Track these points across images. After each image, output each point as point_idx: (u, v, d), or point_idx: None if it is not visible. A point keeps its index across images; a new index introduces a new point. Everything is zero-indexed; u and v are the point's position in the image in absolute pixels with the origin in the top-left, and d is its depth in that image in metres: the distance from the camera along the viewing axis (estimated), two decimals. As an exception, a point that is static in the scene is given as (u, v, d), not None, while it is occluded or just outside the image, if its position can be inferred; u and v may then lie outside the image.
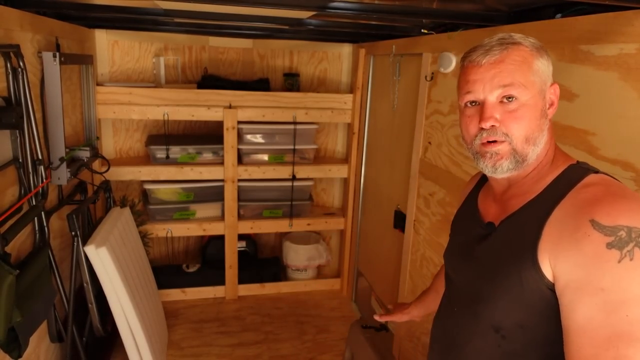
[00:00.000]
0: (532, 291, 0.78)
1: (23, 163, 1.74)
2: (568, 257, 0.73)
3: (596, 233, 0.70)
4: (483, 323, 0.87)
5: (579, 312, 0.71)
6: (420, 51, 2.15)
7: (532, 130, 0.83)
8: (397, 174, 2.51)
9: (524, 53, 0.83)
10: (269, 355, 2.66)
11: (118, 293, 2.04)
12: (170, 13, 2.07)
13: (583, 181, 0.80)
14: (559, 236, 0.75)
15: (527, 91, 0.83)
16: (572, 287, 0.72)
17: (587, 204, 0.74)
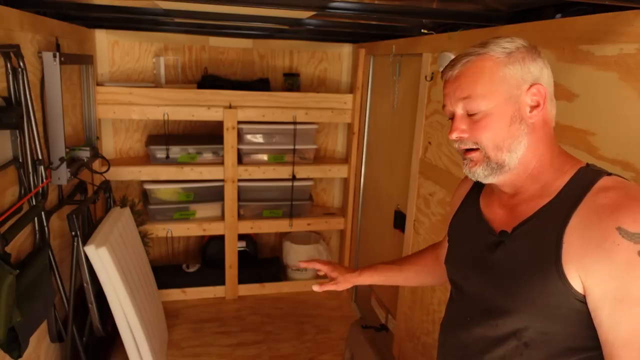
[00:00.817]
0: (559, 303, 0.76)
1: (23, 163, 1.74)
2: (599, 268, 0.71)
3: (625, 241, 0.68)
4: (503, 332, 0.85)
5: (624, 324, 0.69)
6: (420, 51, 2.15)
7: (502, 137, 0.83)
8: (397, 174, 2.51)
9: (487, 63, 0.84)
10: (269, 355, 2.66)
11: (118, 293, 2.04)
12: (170, 13, 2.07)
13: (598, 184, 0.77)
14: (584, 246, 0.73)
15: (488, 101, 0.83)
16: (610, 300, 0.70)
17: (610, 210, 0.71)
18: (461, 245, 1.00)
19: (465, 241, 0.99)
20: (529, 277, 0.79)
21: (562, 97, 1.32)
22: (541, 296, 0.78)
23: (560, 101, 1.32)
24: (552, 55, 1.36)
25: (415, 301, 2.23)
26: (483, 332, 0.88)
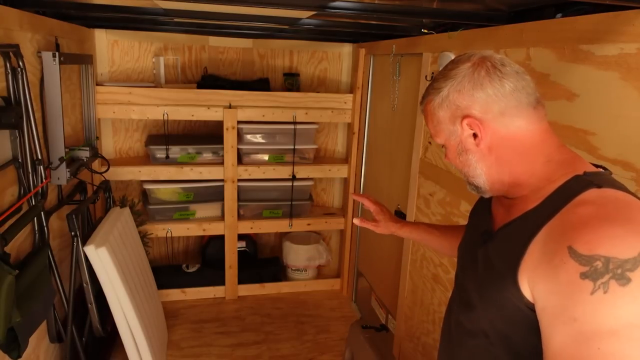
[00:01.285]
0: (513, 307, 0.78)
1: (22, 163, 1.74)
2: (545, 282, 0.72)
3: (572, 261, 0.68)
4: (475, 327, 0.89)
5: (555, 338, 0.69)
6: (420, 51, 2.15)
7: (459, 166, 0.90)
8: (397, 174, 2.50)
9: (429, 107, 0.90)
10: (269, 356, 2.66)
11: (118, 293, 2.04)
12: (170, 13, 2.07)
13: (578, 198, 0.74)
14: (540, 259, 0.73)
15: (439, 135, 0.91)
16: (549, 313, 0.71)
17: (570, 228, 0.71)
18: (468, 234, 1.04)
19: (471, 231, 1.03)
20: (496, 279, 0.82)
21: (562, 97, 1.32)
22: (500, 300, 0.80)
23: (560, 101, 1.32)
24: (552, 55, 1.36)
25: (415, 301, 2.23)
26: (462, 323, 0.93)
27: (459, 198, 1.82)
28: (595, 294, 0.65)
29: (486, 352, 0.87)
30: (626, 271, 0.64)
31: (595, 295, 0.65)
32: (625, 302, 0.64)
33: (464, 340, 0.93)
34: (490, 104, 0.83)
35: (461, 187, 1.69)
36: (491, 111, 0.83)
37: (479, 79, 0.83)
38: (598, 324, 0.65)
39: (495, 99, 0.82)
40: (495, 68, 0.83)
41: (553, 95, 1.35)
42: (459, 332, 0.95)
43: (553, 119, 1.35)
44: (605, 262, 0.65)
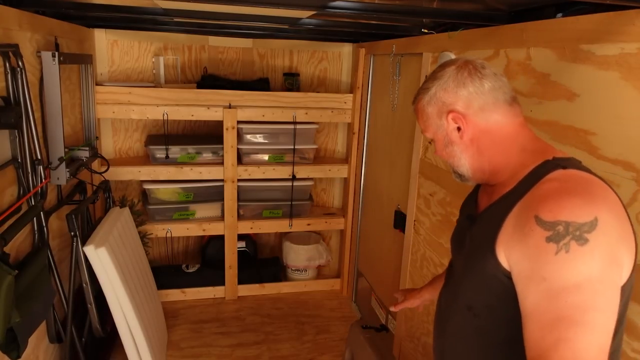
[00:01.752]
0: (492, 278, 0.88)
1: (22, 163, 1.74)
2: (517, 249, 0.82)
3: (538, 228, 0.78)
4: (460, 302, 0.99)
5: (528, 299, 0.79)
6: (421, 51, 2.15)
7: (445, 157, 1.03)
8: (397, 174, 2.50)
9: (420, 105, 1.04)
10: (269, 356, 2.66)
11: (117, 293, 2.04)
12: (169, 13, 2.07)
13: (547, 177, 0.85)
14: (512, 230, 0.84)
15: (428, 130, 1.04)
16: (522, 277, 0.81)
17: (537, 200, 0.82)
18: (459, 225, 1.14)
19: (461, 220, 1.14)
20: (478, 254, 0.92)
21: (562, 97, 1.32)
22: (482, 271, 0.91)
23: (560, 101, 1.32)
24: (552, 54, 1.35)
25: (415, 301, 2.22)
26: (450, 301, 1.04)
27: (459, 198, 1.82)
28: (558, 254, 0.75)
29: (471, 323, 0.96)
30: (584, 233, 0.75)
31: (559, 255, 0.75)
32: (585, 259, 0.74)
33: (451, 315, 1.03)
34: (472, 100, 0.95)
35: (461, 187, 1.69)
36: (472, 107, 0.95)
37: (462, 79, 0.96)
38: (564, 280, 0.74)
39: (476, 96, 0.95)
40: (476, 70, 0.96)
41: (553, 95, 1.35)
42: (448, 309, 1.05)
43: (553, 119, 1.35)
44: (565, 226, 0.76)
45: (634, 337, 1.11)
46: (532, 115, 1.44)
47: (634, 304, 1.11)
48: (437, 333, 1.12)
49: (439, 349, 1.11)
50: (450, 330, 1.04)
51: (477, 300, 0.94)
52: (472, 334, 0.97)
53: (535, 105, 1.43)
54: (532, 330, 0.78)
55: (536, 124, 1.42)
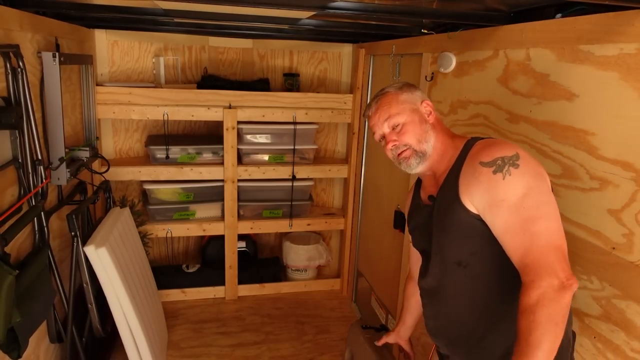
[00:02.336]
0: (468, 225, 1.10)
1: (23, 163, 1.74)
2: (476, 191, 1.07)
3: (484, 168, 1.06)
4: (449, 263, 1.17)
5: (498, 220, 1.04)
6: (420, 51, 2.15)
7: (419, 134, 1.22)
8: (397, 174, 2.50)
9: (389, 97, 1.26)
10: (269, 356, 2.66)
11: (118, 293, 2.04)
12: (170, 13, 2.07)
13: (473, 146, 1.15)
14: (467, 181, 1.10)
15: (402, 115, 1.23)
16: (487, 208, 1.05)
17: (475, 155, 1.11)
18: (416, 227, 1.34)
19: (417, 222, 1.33)
20: (449, 215, 1.14)
21: (562, 97, 1.32)
22: (457, 224, 1.12)
23: (560, 101, 1.33)
24: (552, 55, 1.36)
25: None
26: (439, 270, 1.21)
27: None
28: (505, 178, 1.03)
29: (463, 275, 1.15)
30: (514, 160, 1.04)
31: (505, 179, 1.03)
32: (523, 175, 1.03)
33: (446, 281, 1.19)
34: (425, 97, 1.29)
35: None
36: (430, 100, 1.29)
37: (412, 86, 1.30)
38: (516, 194, 1.01)
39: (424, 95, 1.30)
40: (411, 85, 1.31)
41: (553, 95, 1.35)
42: (441, 279, 1.20)
43: (553, 119, 1.35)
44: (501, 159, 1.05)
45: (633, 336, 1.11)
46: (531, 116, 1.44)
47: (633, 304, 1.11)
48: (435, 308, 1.26)
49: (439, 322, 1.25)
50: (449, 294, 1.20)
51: (462, 252, 1.13)
52: (466, 285, 1.15)
53: (535, 105, 1.43)
54: (510, 241, 1.02)
55: (535, 124, 1.43)
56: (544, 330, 0.91)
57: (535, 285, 0.94)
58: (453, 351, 1.24)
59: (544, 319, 0.91)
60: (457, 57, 1.86)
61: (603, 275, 1.19)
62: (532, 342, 0.91)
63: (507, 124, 1.56)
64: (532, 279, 0.95)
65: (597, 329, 1.21)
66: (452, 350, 1.24)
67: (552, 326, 0.91)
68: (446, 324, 1.22)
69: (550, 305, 0.92)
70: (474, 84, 1.76)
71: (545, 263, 0.95)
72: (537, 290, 0.94)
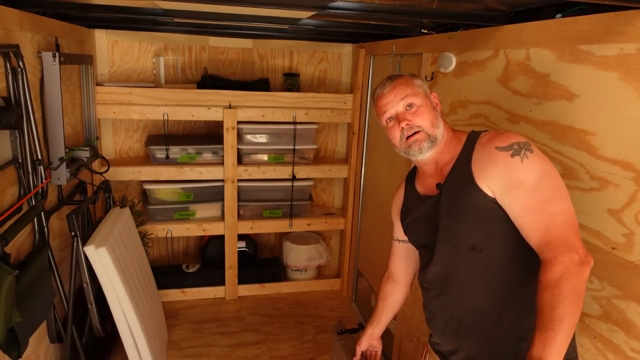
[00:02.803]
0: (484, 208, 1.12)
1: (23, 163, 1.74)
2: (493, 174, 1.10)
3: (501, 152, 1.10)
4: (463, 249, 1.17)
5: (517, 201, 1.07)
6: (420, 51, 2.15)
7: (432, 118, 1.23)
8: (397, 174, 2.50)
9: (406, 79, 1.26)
10: (269, 356, 2.66)
11: (118, 293, 2.04)
12: (170, 13, 2.07)
13: (481, 136, 1.19)
14: (482, 166, 1.12)
15: (417, 97, 1.23)
16: (505, 190, 1.08)
17: (489, 141, 1.14)
18: (416, 220, 1.33)
19: (418, 216, 1.32)
20: (463, 200, 1.15)
21: (562, 97, 1.32)
22: (472, 208, 1.13)
23: (560, 101, 1.33)
24: (552, 55, 1.36)
25: (415, 302, 2.23)
26: (451, 258, 1.20)
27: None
28: (523, 161, 1.07)
29: (478, 260, 1.16)
30: (529, 146, 1.09)
31: (524, 162, 1.07)
32: (538, 159, 1.08)
33: (457, 267, 1.19)
34: None
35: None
36: None
37: None
38: (534, 176, 1.06)
39: None
40: None
41: (553, 95, 1.35)
42: (453, 267, 1.20)
43: (553, 119, 1.35)
44: (517, 144, 1.09)
45: (633, 336, 1.11)
46: (531, 116, 1.44)
47: (633, 304, 1.11)
48: (445, 298, 1.25)
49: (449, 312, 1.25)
50: (462, 280, 1.20)
51: (477, 237, 1.15)
52: (480, 270, 1.16)
53: (535, 105, 1.43)
54: (529, 221, 1.05)
55: (536, 124, 1.43)
56: (569, 304, 0.93)
57: (558, 261, 0.97)
58: (464, 338, 1.23)
59: (569, 292, 0.94)
60: (457, 57, 1.86)
61: (603, 275, 1.19)
62: (558, 315, 0.93)
63: (507, 124, 1.56)
64: (555, 254, 0.98)
65: (597, 329, 1.21)
66: (464, 337, 1.23)
67: (576, 299, 0.94)
68: (458, 313, 1.22)
69: (573, 279, 0.95)
70: (474, 84, 1.76)
71: (566, 240, 0.99)
72: (561, 266, 0.97)
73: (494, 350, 1.18)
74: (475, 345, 1.21)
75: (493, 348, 1.18)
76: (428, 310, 1.33)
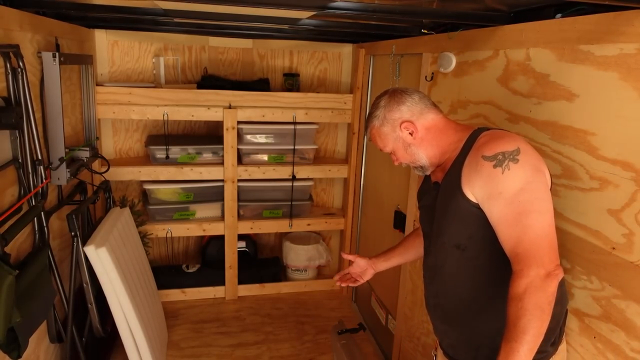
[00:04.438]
0: (467, 212, 1.17)
1: (23, 163, 1.74)
2: (476, 182, 1.13)
3: (486, 162, 1.11)
4: (448, 246, 1.24)
5: (494, 211, 1.10)
6: (420, 51, 2.15)
7: (406, 157, 1.33)
8: (397, 174, 2.50)
9: (373, 131, 1.35)
10: (269, 356, 2.66)
11: (118, 293, 2.04)
12: (170, 13, 2.07)
13: (478, 138, 1.21)
14: (469, 173, 1.16)
15: (387, 145, 1.34)
16: (485, 199, 1.12)
17: (479, 148, 1.16)
18: (423, 207, 1.41)
19: (424, 203, 1.40)
20: (451, 201, 1.21)
21: (562, 97, 1.32)
22: (457, 210, 1.19)
23: (560, 101, 1.33)
24: (552, 55, 1.36)
25: (415, 301, 2.23)
26: (440, 252, 1.28)
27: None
28: (504, 173, 1.08)
29: (461, 257, 1.22)
30: (515, 155, 1.09)
31: (504, 173, 1.08)
32: (521, 171, 1.08)
33: (444, 262, 1.26)
34: (412, 109, 1.30)
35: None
36: (415, 114, 1.30)
37: (398, 99, 1.31)
38: (513, 187, 1.07)
39: (413, 106, 1.31)
40: (403, 92, 1.32)
41: (553, 95, 1.35)
42: (441, 260, 1.28)
43: (553, 119, 1.35)
44: (502, 154, 1.10)
45: (632, 336, 1.11)
46: (531, 116, 1.44)
47: (633, 304, 1.11)
48: (435, 287, 1.34)
49: (439, 299, 1.33)
50: (447, 273, 1.27)
51: (461, 236, 1.21)
52: (463, 266, 1.23)
53: (535, 105, 1.43)
54: (503, 231, 1.09)
55: (535, 124, 1.43)
56: (531, 317, 0.98)
57: (524, 274, 1.02)
58: (448, 325, 1.32)
59: (531, 305, 0.99)
60: (457, 57, 1.86)
61: (603, 275, 1.19)
62: (520, 327, 0.98)
63: (507, 124, 1.56)
64: (522, 267, 1.03)
65: (597, 329, 1.21)
66: (448, 324, 1.32)
67: (538, 312, 0.99)
68: (445, 301, 1.30)
69: (536, 293, 0.99)
70: (474, 84, 1.76)
71: (534, 254, 1.03)
72: (526, 279, 1.01)
73: (473, 340, 1.26)
74: (456, 334, 1.30)
75: (472, 338, 1.26)
76: (426, 293, 1.41)
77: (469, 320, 1.26)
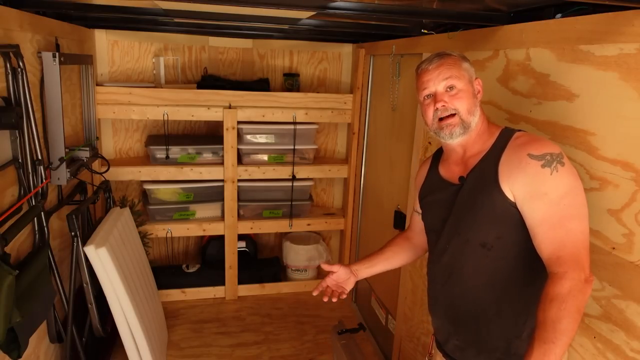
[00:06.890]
0: (502, 210, 1.14)
1: (23, 163, 1.74)
2: (519, 180, 1.11)
3: (533, 160, 1.10)
4: (473, 244, 1.20)
5: (537, 211, 1.09)
6: (420, 51, 2.15)
7: (470, 105, 1.22)
8: (397, 174, 2.50)
9: (454, 59, 1.24)
10: (269, 356, 2.66)
11: (118, 293, 2.04)
12: (170, 13, 2.07)
13: (514, 136, 1.19)
14: (510, 170, 1.13)
15: (460, 81, 1.21)
16: (527, 198, 1.10)
17: (522, 145, 1.14)
18: (433, 203, 1.35)
19: (435, 199, 1.34)
20: (483, 198, 1.17)
21: (562, 97, 1.32)
22: (490, 208, 1.15)
23: (560, 101, 1.33)
24: (552, 55, 1.36)
25: (415, 301, 2.23)
26: (460, 250, 1.23)
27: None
28: (552, 174, 1.08)
29: (486, 257, 1.18)
30: (561, 158, 1.09)
31: (553, 174, 1.08)
32: (568, 174, 1.08)
33: (465, 260, 1.22)
34: None
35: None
36: None
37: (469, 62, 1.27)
38: (560, 190, 1.07)
39: None
40: None
41: (553, 95, 1.35)
42: (460, 260, 1.23)
43: (553, 119, 1.35)
44: (550, 155, 1.09)
45: (633, 336, 1.11)
46: (531, 116, 1.44)
47: (633, 304, 1.11)
48: (449, 287, 1.28)
49: (450, 300, 1.28)
50: (468, 273, 1.22)
51: (489, 235, 1.17)
52: (486, 267, 1.19)
53: (535, 105, 1.43)
54: (544, 233, 1.07)
55: (536, 124, 1.43)
56: (571, 319, 0.98)
57: (568, 277, 1.01)
58: (460, 327, 1.27)
59: (573, 308, 0.98)
60: (457, 57, 1.86)
61: (603, 275, 1.19)
62: (560, 329, 0.97)
63: (507, 124, 1.55)
64: (565, 270, 1.02)
65: (597, 329, 1.21)
66: (460, 326, 1.27)
67: (578, 316, 0.99)
68: (461, 301, 1.26)
69: (578, 296, 1.00)
70: (474, 84, 1.76)
71: (577, 258, 1.03)
72: (570, 282, 1.00)
73: (487, 343, 1.23)
74: (469, 335, 1.26)
75: (486, 341, 1.23)
76: (431, 295, 1.36)
77: (485, 323, 1.22)
